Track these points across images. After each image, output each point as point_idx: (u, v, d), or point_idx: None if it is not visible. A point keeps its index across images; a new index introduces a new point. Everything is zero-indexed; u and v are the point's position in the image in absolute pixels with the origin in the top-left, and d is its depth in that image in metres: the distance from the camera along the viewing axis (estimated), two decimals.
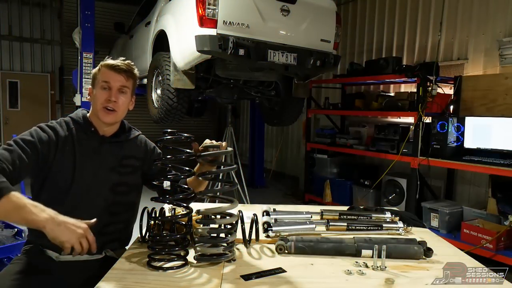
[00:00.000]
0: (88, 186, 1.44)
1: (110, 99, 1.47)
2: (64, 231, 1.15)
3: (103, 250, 1.48)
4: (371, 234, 1.51)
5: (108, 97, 1.47)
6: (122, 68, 1.49)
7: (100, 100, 1.47)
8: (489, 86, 3.78)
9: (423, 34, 4.82)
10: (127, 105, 1.54)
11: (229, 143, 4.63)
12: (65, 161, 1.42)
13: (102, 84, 1.48)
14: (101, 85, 1.48)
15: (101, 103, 1.47)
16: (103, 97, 1.47)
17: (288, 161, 7.42)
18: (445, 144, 3.71)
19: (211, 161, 1.47)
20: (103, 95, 1.47)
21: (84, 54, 4.43)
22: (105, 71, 1.48)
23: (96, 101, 1.49)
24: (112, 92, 1.48)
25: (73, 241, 1.15)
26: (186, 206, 1.32)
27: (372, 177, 4.71)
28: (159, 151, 1.68)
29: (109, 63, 1.49)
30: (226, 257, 1.24)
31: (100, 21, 6.43)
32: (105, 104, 1.47)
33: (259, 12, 3.26)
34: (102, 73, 1.49)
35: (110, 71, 1.48)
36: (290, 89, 4.10)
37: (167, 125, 3.65)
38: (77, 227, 1.17)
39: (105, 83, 1.48)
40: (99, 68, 1.51)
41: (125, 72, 1.50)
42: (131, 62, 1.55)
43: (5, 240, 2.67)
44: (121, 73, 1.49)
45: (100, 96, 1.48)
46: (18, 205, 1.15)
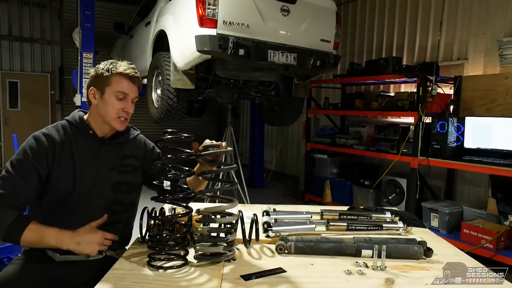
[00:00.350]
0: (89, 188, 1.44)
1: (127, 110, 1.47)
2: (85, 246, 1.31)
3: (103, 250, 1.48)
4: (371, 234, 1.51)
5: (125, 108, 1.47)
6: (137, 78, 1.50)
7: (115, 109, 1.46)
8: (489, 86, 3.78)
9: (423, 34, 4.82)
10: None
11: (229, 143, 4.63)
12: (64, 167, 1.41)
13: (118, 94, 1.45)
14: (116, 94, 1.45)
15: (116, 112, 1.46)
16: (119, 107, 1.46)
17: (288, 161, 7.42)
18: (445, 144, 3.71)
19: (211, 160, 1.47)
20: (118, 105, 1.46)
21: (84, 54, 4.43)
22: (121, 80, 1.45)
23: (109, 108, 1.46)
24: (129, 103, 1.48)
25: (96, 250, 1.32)
26: (186, 205, 1.32)
27: (372, 177, 4.71)
28: (158, 150, 1.68)
29: (126, 73, 1.46)
30: (226, 256, 1.24)
31: (100, 21, 6.43)
32: (121, 114, 1.47)
33: (259, 12, 3.26)
34: (117, 81, 1.45)
35: (127, 81, 1.46)
36: (290, 89, 4.10)
37: (167, 125, 3.65)
38: (93, 237, 1.33)
39: (121, 93, 1.46)
40: (110, 73, 1.45)
41: (138, 83, 1.51)
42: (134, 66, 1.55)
43: None
44: (136, 84, 1.50)
45: (116, 105, 1.46)
46: (38, 238, 1.29)
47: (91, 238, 1.31)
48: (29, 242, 1.30)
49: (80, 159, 1.44)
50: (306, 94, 4.41)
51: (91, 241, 1.31)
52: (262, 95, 4.24)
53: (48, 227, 1.30)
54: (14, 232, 1.27)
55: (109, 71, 1.46)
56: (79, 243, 1.29)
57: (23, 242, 1.29)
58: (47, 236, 1.28)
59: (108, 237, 1.36)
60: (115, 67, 1.47)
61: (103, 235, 1.34)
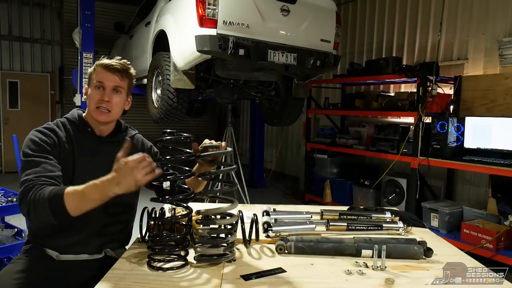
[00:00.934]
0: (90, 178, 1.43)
1: (103, 99, 1.46)
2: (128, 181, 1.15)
3: (103, 249, 1.48)
4: (371, 234, 1.51)
5: (101, 97, 1.46)
6: (117, 68, 1.47)
7: (94, 100, 1.46)
8: (489, 86, 3.78)
9: (423, 34, 4.82)
10: (122, 105, 1.52)
11: (229, 143, 4.63)
12: (65, 163, 1.41)
13: (96, 84, 1.47)
14: (95, 84, 1.47)
15: (94, 102, 1.46)
16: (97, 97, 1.46)
17: (288, 161, 7.42)
18: (445, 144, 3.71)
19: (211, 161, 1.46)
20: (96, 95, 1.46)
21: (84, 54, 4.43)
22: (99, 70, 1.47)
23: (90, 100, 1.48)
24: (106, 92, 1.46)
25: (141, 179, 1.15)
26: (186, 206, 1.32)
27: (372, 177, 4.71)
28: (156, 150, 1.68)
29: (103, 63, 1.48)
30: (226, 257, 1.24)
31: (100, 21, 6.42)
32: (98, 104, 1.46)
33: (259, 12, 3.26)
34: (96, 73, 1.48)
35: (104, 71, 1.47)
36: (290, 89, 4.10)
37: (167, 125, 3.65)
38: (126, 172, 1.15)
39: (99, 83, 1.46)
40: (94, 67, 1.50)
41: (119, 72, 1.48)
42: (127, 61, 1.54)
43: (5, 240, 2.67)
44: (115, 73, 1.47)
45: (94, 96, 1.47)
46: (80, 199, 1.20)
47: (125, 171, 1.15)
48: (75, 207, 1.21)
49: (79, 156, 1.45)
50: (306, 94, 4.41)
51: (127, 173, 1.15)
52: (262, 95, 4.24)
53: (84, 186, 1.21)
54: (57, 205, 1.20)
55: (94, 68, 1.50)
56: (119, 183, 1.16)
57: (72, 211, 1.21)
58: (87, 193, 1.19)
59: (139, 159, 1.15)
60: (98, 62, 1.50)
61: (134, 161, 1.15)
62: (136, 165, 1.14)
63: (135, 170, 1.14)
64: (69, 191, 1.21)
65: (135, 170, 1.14)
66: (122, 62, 1.50)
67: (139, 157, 1.16)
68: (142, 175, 1.15)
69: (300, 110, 4.45)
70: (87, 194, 1.19)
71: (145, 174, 1.15)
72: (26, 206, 1.23)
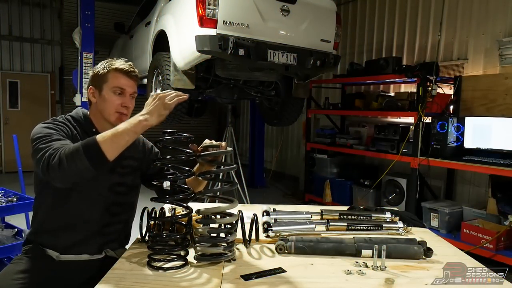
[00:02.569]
0: (89, 186, 1.44)
1: (126, 105, 1.47)
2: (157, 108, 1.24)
3: (103, 250, 1.48)
4: (371, 234, 1.51)
5: (123, 103, 1.47)
6: (135, 74, 1.50)
7: (114, 105, 1.46)
8: (489, 86, 3.78)
9: (423, 34, 4.82)
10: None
11: (229, 143, 4.63)
12: None
13: (115, 89, 1.46)
14: (114, 90, 1.46)
15: (115, 107, 1.46)
16: (117, 102, 1.46)
17: (288, 161, 7.42)
18: (445, 144, 3.71)
19: (211, 161, 1.46)
20: (116, 100, 1.46)
21: (84, 54, 4.43)
22: (117, 75, 1.47)
23: (108, 104, 1.46)
24: (127, 98, 1.48)
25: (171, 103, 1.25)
26: (186, 206, 1.32)
27: (372, 177, 4.71)
28: (156, 150, 1.68)
29: (121, 68, 1.47)
30: (226, 256, 1.24)
31: (100, 21, 6.41)
32: (119, 110, 1.47)
33: (259, 12, 3.26)
34: (114, 77, 1.47)
35: (123, 76, 1.47)
36: (290, 89, 4.10)
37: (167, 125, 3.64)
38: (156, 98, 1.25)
39: (119, 89, 1.46)
40: (107, 70, 1.47)
41: (136, 78, 1.51)
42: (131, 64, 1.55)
43: (5, 240, 2.67)
44: (133, 78, 1.50)
45: (114, 100, 1.46)
46: (112, 135, 1.22)
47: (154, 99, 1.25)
48: (110, 144, 1.20)
49: None
50: (306, 94, 4.41)
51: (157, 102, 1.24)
52: (262, 95, 4.24)
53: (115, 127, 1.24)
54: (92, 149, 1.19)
55: (105, 68, 1.48)
56: (150, 111, 1.23)
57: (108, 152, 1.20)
58: (120, 129, 1.22)
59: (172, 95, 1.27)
60: (111, 64, 1.49)
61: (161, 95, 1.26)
62: (165, 95, 1.26)
63: (162, 97, 1.24)
64: (99, 134, 1.23)
65: (163, 97, 1.25)
66: (133, 67, 1.52)
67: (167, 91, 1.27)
68: (169, 101, 1.25)
69: (300, 110, 4.45)
70: (119, 129, 1.23)
71: (171, 102, 1.25)
72: (56, 165, 1.18)
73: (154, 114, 1.23)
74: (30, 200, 2.69)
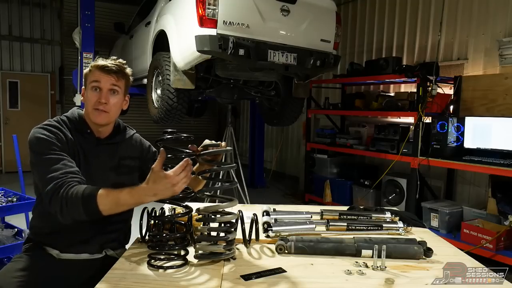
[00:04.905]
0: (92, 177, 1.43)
1: (100, 100, 1.44)
2: (165, 192, 1.17)
3: (103, 249, 1.48)
4: (371, 234, 1.51)
5: (98, 98, 1.44)
6: (112, 69, 1.45)
7: (91, 102, 1.45)
8: (489, 86, 3.78)
9: (423, 34, 4.82)
10: (119, 105, 1.51)
11: (229, 143, 4.63)
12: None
13: (92, 85, 1.45)
14: (91, 86, 1.45)
15: (91, 104, 1.45)
16: (94, 99, 1.45)
17: (288, 161, 7.42)
18: (445, 144, 3.71)
19: (211, 160, 1.46)
20: (93, 97, 1.45)
21: (84, 54, 4.43)
22: (95, 71, 1.45)
23: (88, 102, 1.47)
24: (103, 93, 1.45)
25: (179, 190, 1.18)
26: (186, 205, 1.32)
27: (372, 177, 4.71)
28: (154, 149, 1.68)
29: (99, 64, 1.46)
30: (226, 255, 1.24)
31: (100, 21, 6.42)
32: (96, 106, 1.45)
33: (259, 12, 3.26)
34: (92, 74, 1.46)
35: (100, 72, 1.45)
36: (290, 89, 4.10)
37: (167, 125, 3.65)
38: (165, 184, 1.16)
39: (95, 83, 1.45)
40: (90, 68, 1.48)
41: (115, 73, 1.46)
42: (122, 61, 1.52)
43: (5, 240, 2.67)
44: (111, 74, 1.45)
45: (91, 97, 1.45)
46: (114, 203, 1.23)
47: (164, 185, 1.16)
48: (108, 209, 1.24)
49: (82, 157, 1.44)
50: (306, 94, 4.41)
51: (165, 187, 1.16)
52: (262, 95, 4.24)
53: (119, 190, 1.23)
54: (90, 205, 1.22)
55: (90, 68, 1.48)
56: (156, 192, 1.17)
57: (104, 211, 1.23)
58: (122, 198, 1.22)
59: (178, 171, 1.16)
60: (94, 63, 1.48)
61: (172, 176, 1.15)
62: (176, 179, 1.15)
63: (175, 183, 1.15)
64: (102, 193, 1.23)
65: (175, 183, 1.16)
66: (118, 63, 1.49)
67: (178, 169, 1.16)
68: (180, 187, 1.18)
69: (300, 110, 4.45)
70: (121, 200, 1.22)
71: (182, 185, 1.18)
72: (58, 203, 1.24)
73: (158, 196, 1.19)
74: (30, 200, 2.69)
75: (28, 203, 2.67)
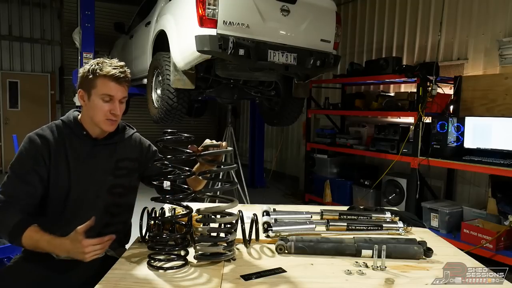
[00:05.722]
0: (85, 190, 1.44)
1: (115, 112, 1.43)
2: (76, 255, 1.25)
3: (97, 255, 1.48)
4: (371, 234, 1.51)
5: (112, 109, 1.42)
6: (124, 79, 1.44)
7: (103, 112, 1.42)
8: (489, 86, 3.78)
9: (423, 34, 4.82)
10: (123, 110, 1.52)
11: (229, 143, 4.63)
12: (60, 169, 1.40)
13: (103, 96, 1.41)
14: (102, 96, 1.41)
15: (104, 114, 1.42)
16: (106, 109, 1.42)
17: (288, 161, 7.42)
18: (445, 144, 3.71)
19: (211, 160, 1.46)
20: (105, 107, 1.42)
21: (84, 54, 4.43)
22: (106, 82, 1.40)
23: (97, 111, 1.42)
24: (116, 104, 1.43)
25: (86, 258, 1.24)
26: (186, 206, 1.32)
27: (372, 177, 4.71)
28: (154, 148, 1.67)
29: (110, 73, 1.40)
30: (226, 256, 1.24)
31: (100, 21, 6.42)
32: (109, 116, 1.43)
33: (259, 12, 3.26)
34: (102, 84, 1.40)
35: (112, 83, 1.41)
36: (290, 89, 4.10)
37: (167, 125, 3.65)
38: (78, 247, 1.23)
39: (107, 96, 1.41)
40: (97, 75, 1.40)
41: (126, 82, 1.45)
42: (124, 65, 1.48)
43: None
44: (123, 84, 1.44)
45: (102, 107, 1.42)
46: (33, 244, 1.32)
47: (76, 248, 1.24)
48: (28, 245, 1.33)
49: (74, 160, 1.43)
50: (306, 94, 4.41)
51: (77, 250, 1.24)
52: (262, 95, 4.24)
53: (43, 234, 1.30)
54: (15, 236, 1.31)
55: (94, 73, 1.41)
56: (69, 251, 1.26)
57: (25, 245, 1.33)
58: (40, 244, 1.30)
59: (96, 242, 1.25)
60: (100, 69, 1.41)
61: (86, 244, 1.23)
62: (89, 248, 1.23)
63: (86, 251, 1.23)
64: (26, 235, 1.30)
65: (86, 252, 1.23)
66: (124, 70, 1.46)
67: (96, 241, 1.24)
68: (91, 256, 1.24)
69: (300, 110, 4.45)
70: (40, 245, 1.30)
71: (93, 255, 1.24)
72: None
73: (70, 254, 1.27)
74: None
75: None
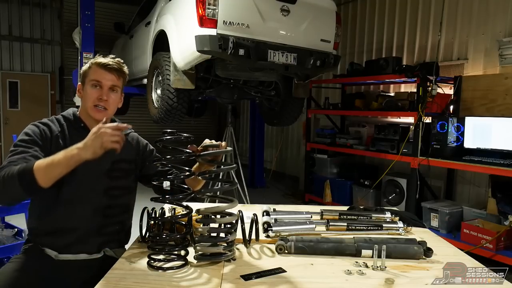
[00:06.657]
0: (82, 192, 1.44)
1: (101, 97, 1.47)
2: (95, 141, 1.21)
3: (102, 249, 1.48)
4: (371, 234, 1.51)
5: (99, 95, 1.47)
6: (114, 67, 1.49)
7: (91, 98, 1.47)
8: (489, 86, 3.78)
9: (423, 34, 4.82)
10: (117, 103, 1.54)
11: (229, 143, 4.63)
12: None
13: (93, 82, 1.48)
14: (92, 83, 1.48)
15: (92, 101, 1.47)
16: (94, 96, 1.47)
17: (288, 161, 7.42)
18: (445, 144, 3.71)
19: (211, 160, 1.46)
20: (94, 93, 1.47)
21: (84, 54, 4.43)
22: (96, 69, 1.48)
23: (87, 98, 1.49)
24: (104, 91, 1.48)
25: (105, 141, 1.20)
26: (186, 206, 1.32)
27: (372, 177, 4.71)
28: (151, 147, 1.69)
29: (100, 62, 1.48)
30: (226, 256, 1.24)
31: (100, 21, 6.42)
32: (96, 103, 1.47)
33: (259, 12, 3.26)
34: (93, 71, 1.48)
35: (101, 70, 1.48)
36: (290, 89, 4.10)
37: (167, 125, 3.65)
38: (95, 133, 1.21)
39: (96, 82, 1.47)
40: (89, 65, 1.50)
41: (116, 71, 1.50)
42: (121, 60, 1.55)
43: (5, 240, 2.67)
44: (112, 72, 1.49)
45: (91, 94, 1.47)
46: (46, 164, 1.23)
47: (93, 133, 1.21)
48: (43, 173, 1.22)
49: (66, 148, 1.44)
50: (306, 94, 4.41)
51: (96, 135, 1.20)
52: (262, 95, 4.24)
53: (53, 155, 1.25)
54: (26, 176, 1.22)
55: (90, 66, 1.50)
56: (86, 144, 1.21)
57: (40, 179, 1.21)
58: (55, 159, 1.22)
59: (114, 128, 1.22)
60: (94, 60, 1.50)
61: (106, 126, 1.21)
62: (107, 130, 1.21)
63: (103, 134, 1.20)
64: (37, 164, 1.23)
65: (104, 134, 1.20)
66: (117, 61, 1.52)
67: (113, 125, 1.23)
68: (109, 140, 1.21)
69: (300, 110, 4.45)
70: (55, 161, 1.23)
71: (111, 141, 1.21)
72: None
73: (89, 150, 1.21)
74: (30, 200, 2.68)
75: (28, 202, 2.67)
